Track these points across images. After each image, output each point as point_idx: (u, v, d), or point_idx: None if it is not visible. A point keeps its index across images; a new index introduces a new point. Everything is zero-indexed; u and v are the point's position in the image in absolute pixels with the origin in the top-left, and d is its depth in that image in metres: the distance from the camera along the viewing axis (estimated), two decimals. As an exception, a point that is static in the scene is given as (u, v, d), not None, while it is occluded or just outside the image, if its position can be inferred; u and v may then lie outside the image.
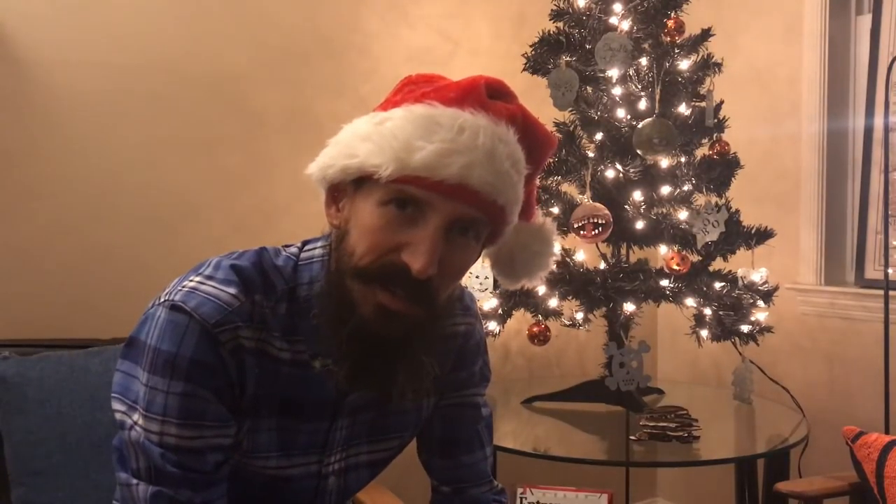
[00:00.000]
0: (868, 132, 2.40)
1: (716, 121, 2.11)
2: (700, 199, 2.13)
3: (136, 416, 0.88)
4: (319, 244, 0.97)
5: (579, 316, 2.19)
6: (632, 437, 1.92)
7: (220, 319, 0.88)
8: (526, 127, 0.91)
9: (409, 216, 0.84)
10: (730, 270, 2.15)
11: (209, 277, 0.92)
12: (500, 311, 2.21)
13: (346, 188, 0.90)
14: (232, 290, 0.90)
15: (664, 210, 2.16)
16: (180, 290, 0.90)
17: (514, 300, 2.18)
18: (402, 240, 0.84)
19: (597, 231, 2.00)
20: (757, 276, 2.13)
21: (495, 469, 2.21)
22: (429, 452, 1.17)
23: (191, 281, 0.91)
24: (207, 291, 0.90)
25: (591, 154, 2.15)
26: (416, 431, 1.13)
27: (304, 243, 0.99)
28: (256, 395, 0.93)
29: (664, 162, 2.12)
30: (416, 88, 0.91)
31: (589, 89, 2.20)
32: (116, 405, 0.91)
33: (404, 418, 1.08)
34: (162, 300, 0.90)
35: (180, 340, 0.87)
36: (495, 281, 2.16)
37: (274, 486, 1.01)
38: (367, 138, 0.86)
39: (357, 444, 1.05)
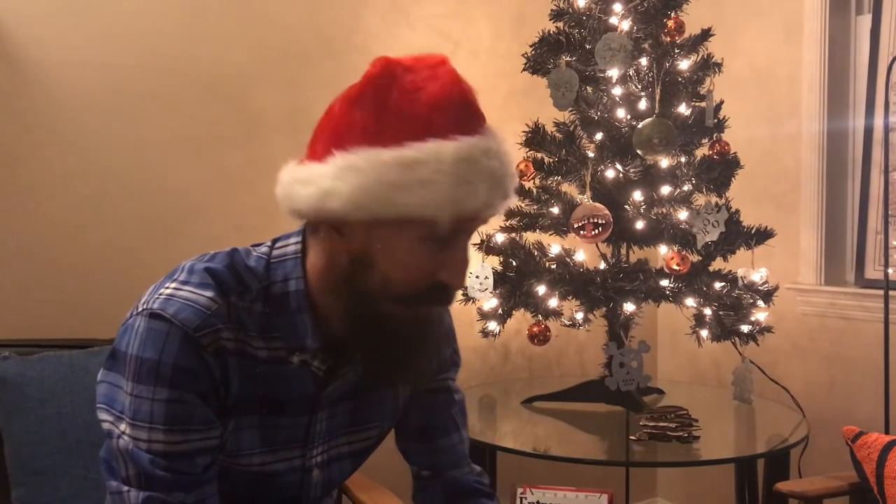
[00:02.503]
0: (868, 132, 2.40)
1: (716, 121, 2.11)
2: (700, 199, 2.13)
3: (122, 426, 0.89)
4: (291, 241, 0.99)
5: (579, 316, 2.19)
6: (632, 437, 1.92)
7: (200, 324, 0.90)
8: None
9: (444, 241, 0.89)
10: (730, 270, 2.15)
11: (184, 283, 0.93)
12: (500, 311, 2.21)
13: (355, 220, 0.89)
14: (208, 294, 0.92)
15: (664, 210, 2.16)
16: (157, 297, 0.91)
17: (514, 300, 2.18)
18: (440, 263, 0.90)
19: (597, 231, 2.00)
20: (757, 276, 2.13)
21: (495, 469, 2.22)
22: (406, 439, 1.19)
23: (166, 288, 0.93)
24: (184, 297, 0.91)
25: (591, 154, 2.15)
26: (395, 420, 1.15)
27: (275, 241, 1.00)
28: (240, 394, 0.95)
29: (664, 162, 2.12)
30: (391, 97, 0.87)
31: (589, 89, 2.20)
32: (103, 415, 0.92)
33: (382, 408, 1.11)
34: (139, 309, 0.92)
35: (162, 347, 0.88)
36: (495, 281, 2.16)
37: (259, 483, 1.02)
38: (402, 187, 0.85)
39: (338, 436, 1.07)
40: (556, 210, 2.18)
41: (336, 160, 0.87)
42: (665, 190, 2.14)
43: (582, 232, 2.01)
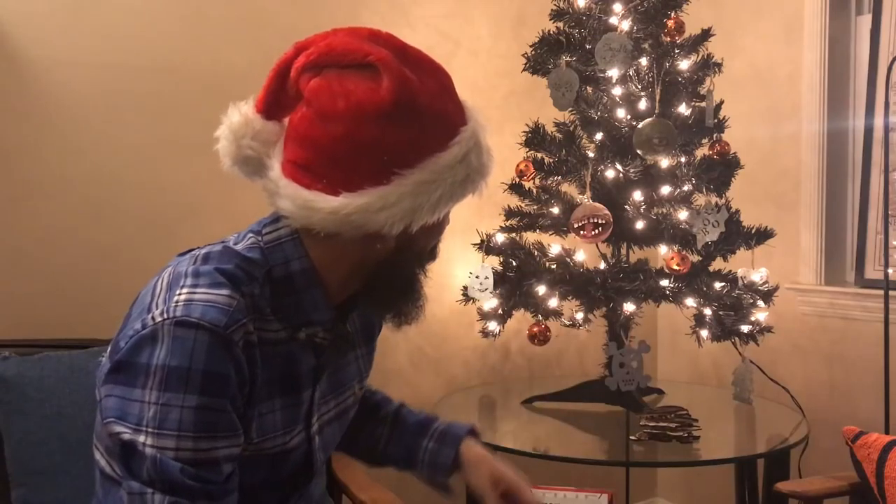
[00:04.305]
0: (868, 132, 2.40)
1: (716, 121, 2.11)
2: (700, 199, 2.13)
3: (142, 438, 0.87)
4: (281, 225, 1.00)
5: (579, 316, 2.19)
6: (632, 437, 1.92)
7: (227, 321, 0.90)
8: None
9: None
10: (730, 270, 2.15)
11: (195, 286, 0.93)
12: (500, 311, 2.21)
13: None
14: (225, 292, 0.92)
15: (664, 210, 2.16)
16: (175, 305, 0.90)
17: (514, 300, 2.18)
18: None
19: (597, 231, 2.00)
20: (757, 276, 2.13)
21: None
22: None
23: (180, 295, 0.92)
24: (204, 299, 0.91)
25: (591, 154, 2.15)
26: (361, 380, 1.21)
27: (262, 227, 1.02)
28: (262, 382, 0.97)
29: (664, 162, 2.12)
30: (418, 105, 0.92)
31: (589, 89, 2.20)
32: (117, 428, 0.89)
33: (351, 369, 1.16)
34: (157, 320, 0.90)
35: (190, 354, 0.88)
36: (495, 281, 2.16)
37: (276, 463, 1.05)
38: (467, 180, 0.96)
39: (326, 402, 1.11)
40: (556, 210, 2.18)
41: (405, 180, 0.92)
42: (665, 190, 2.14)
43: (582, 232, 2.01)
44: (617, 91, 2.13)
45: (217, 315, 0.90)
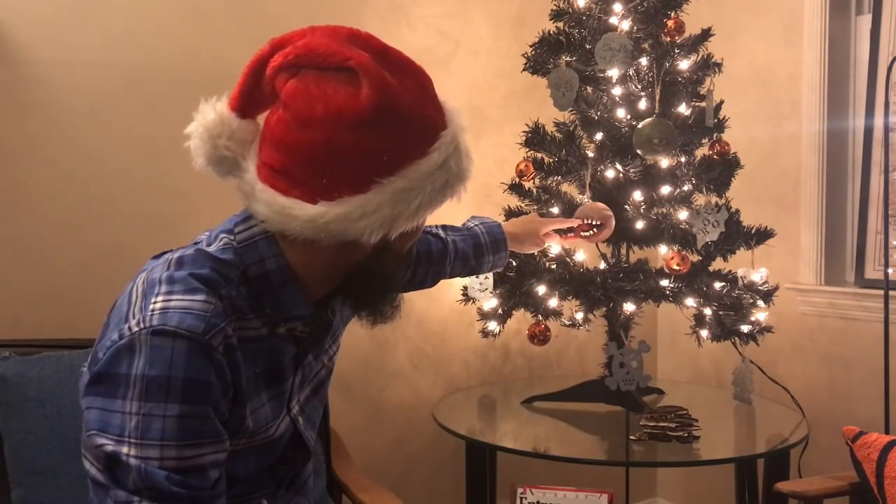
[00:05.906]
0: (868, 132, 2.40)
1: (716, 121, 2.11)
2: (700, 199, 2.13)
3: (125, 448, 0.87)
4: (253, 223, 1.00)
5: (579, 316, 2.19)
6: (632, 437, 1.92)
7: (205, 327, 0.89)
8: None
9: None
10: (730, 270, 2.15)
11: (170, 293, 0.92)
12: (500, 311, 2.21)
13: None
14: (201, 297, 0.92)
15: (664, 210, 2.16)
16: (151, 314, 0.90)
17: (514, 300, 2.18)
18: None
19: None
20: (757, 276, 2.13)
21: (495, 469, 2.22)
22: None
23: (155, 303, 0.91)
24: (180, 306, 0.90)
25: (591, 154, 2.15)
26: (335, 352, 1.23)
27: (234, 226, 1.02)
28: (248, 381, 0.97)
29: (664, 162, 2.12)
30: (399, 111, 0.91)
31: (589, 89, 2.20)
32: (100, 440, 0.89)
33: (323, 346, 1.17)
34: (134, 330, 0.89)
35: (169, 363, 0.87)
36: (495, 281, 2.16)
37: (266, 450, 1.05)
38: (446, 185, 0.96)
39: (303, 384, 1.13)
40: (556, 210, 2.17)
41: (384, 188, 0.91)
42: (665, 190, 2.14)
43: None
44: (617, 91, 2.13)
45: (194, 321, 0.89)
